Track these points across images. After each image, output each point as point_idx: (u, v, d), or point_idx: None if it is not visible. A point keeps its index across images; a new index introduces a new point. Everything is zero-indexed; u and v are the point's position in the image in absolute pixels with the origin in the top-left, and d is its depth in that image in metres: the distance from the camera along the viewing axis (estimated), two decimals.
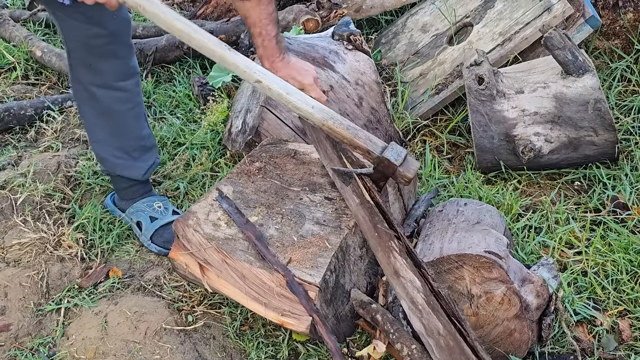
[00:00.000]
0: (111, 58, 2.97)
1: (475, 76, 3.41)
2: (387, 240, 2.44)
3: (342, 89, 3.46)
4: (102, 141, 3.18)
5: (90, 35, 2.88)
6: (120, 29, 2.97)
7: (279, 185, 2.80)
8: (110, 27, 2.90)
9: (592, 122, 3.32)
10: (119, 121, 3.12)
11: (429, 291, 2.34)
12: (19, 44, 4.71)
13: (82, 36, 2.89)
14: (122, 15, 2.95)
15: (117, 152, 3.18)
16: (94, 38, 2.88)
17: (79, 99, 3.13)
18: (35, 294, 2.97)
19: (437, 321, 2.30)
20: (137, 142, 3.20)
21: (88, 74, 3.00)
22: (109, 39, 2.92)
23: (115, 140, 3.16)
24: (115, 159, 3.20)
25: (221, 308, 2.87)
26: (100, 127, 3.15)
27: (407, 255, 2.40)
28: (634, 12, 3.97)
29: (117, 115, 3.10)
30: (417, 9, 4.48)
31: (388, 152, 2.54)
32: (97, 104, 3.07)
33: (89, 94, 3.05)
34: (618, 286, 2.86)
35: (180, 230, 2.66)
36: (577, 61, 3.32)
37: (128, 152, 3.19)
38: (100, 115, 3.10)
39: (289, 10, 4.41)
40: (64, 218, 3.32)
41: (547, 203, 3.28)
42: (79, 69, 3.02)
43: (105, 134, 3.15)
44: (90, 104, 3.08)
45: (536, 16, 3.77)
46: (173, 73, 4.49)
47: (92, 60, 2.96)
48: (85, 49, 2.93)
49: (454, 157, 3.76)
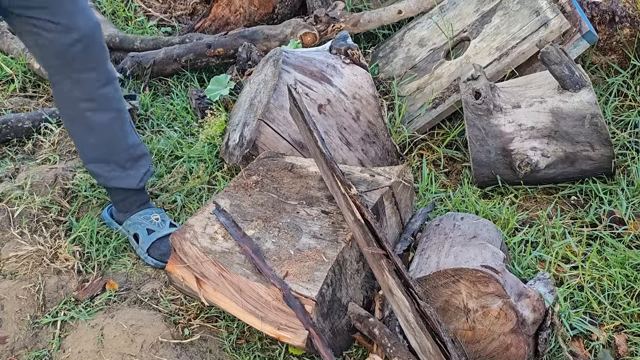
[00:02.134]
0: (90, 64, 2.97)
1: (472, 90, 3.42)
2: (379, 258, 2.43)
3: (340, 102, 3.47)
4: (94, 159, 3.19)
5: (68, 44, 2.88)
6: (94, 33, 2.95)
7: (275, 198, 2.81)
8: (84, 31, 2.89)
9: (589, 137, 3.33)
10: (107, 135, 3.12)
11: (415, 311, 2.33)
12: (17, 56, 4.71)
13: (59, 46, 2.89)
14: (94, 19, 2.95)
15: (108, 166, 3.19)
16: (72, 46, 2.89)
17: (67, 119, 3.14)
18: (32, 306, 2.96)
19: (426, 340, 2.30)
20: (126, 152, 3.19)
21: (72, 88, 3.00)
22: (85, 44, 2.90)
23: (105, 154, 3.16)
24: (108, 172, 3.20)
25: (218, 321, 2.86)
26: (91, 146, 3.15)
27: (395, 274, 2.39)
28: (630, 27, 3.98)
29: (104, 128, 3.10)
30: (415, 24, 4.49)
31: None
32: (84, 120, 3.07)
33: (75, 111, 3.06)
34: (614, 301, 2.87)
35: (177, 244, 2.66)
36: (573, 76, 3.33)
37: (119, 164, 3.19)
38: (89, 132, 3.10)
39: (286, 24, 4.42)
40: (60, 231, 3.32)
41: (544, 217, 3.28)
42: (62, 86, 3.02)
43: (95, 149, 3.16)
44: (78, 121, 3.09)
45: (533, 31, 3.78)
46: (171, 86, 4.50)
47: (72, 72, 2.96)
48: (66, 62, 2.93)
49: (451, 171, 3.76)
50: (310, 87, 3.39)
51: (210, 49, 4.40)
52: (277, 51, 3.63)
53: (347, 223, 2.56)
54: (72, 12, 2.84)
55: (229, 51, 4.39)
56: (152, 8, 5.39)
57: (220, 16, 4.93)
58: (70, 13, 2.84)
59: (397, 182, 2.86)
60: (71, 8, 2.84)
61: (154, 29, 5.15)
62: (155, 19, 5.28)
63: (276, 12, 4.82)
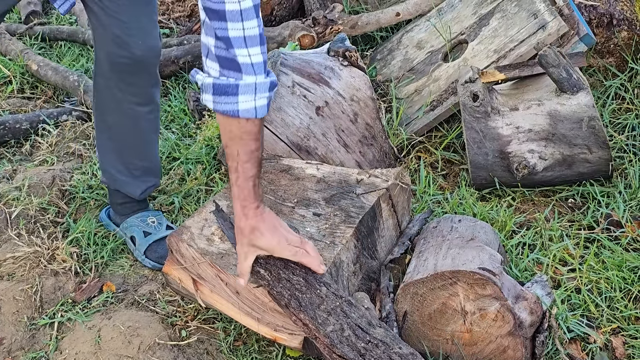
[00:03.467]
0: (130, 81, 2.96)
1: (469, 93, 3.42)
2: None
3: (338, 105, 3.47)
4: (107, 153, 3.18)
5: (114, 55, 2.87)
6: (147, 57, 2.93)
7: (272, 200, 2.80)
8: (136, 53, 2.88)
9: (586, 140, 3.33)
10: (127, 140, 3.12)
11: None
12: (15, 57, 4.72)
13: (106, 52, 2.89)
14: (151, 43, 2.93)
15: (120, 167, 3.18)
16: (117, 58, 2.88)
17: (95, 105, 3.15)
18: (29, 307, 2.96)
19: None
20: (141, 162, 3.19)
21: (107, 86, 3.00)
22: (131, 64, 2.90)
23: (120, 155, 3.16)
24: (117, 173, 3.19)
25: (215, 323, 2.86)
26: (108, 139, 3.15)
27: None
28: (628, 30, 3.98)
29: (126, 135, 3.10)
30: (412, 26, 4.49)
31: None
32: (109, 116, 3.08)
33: (104, 104, 3.06)
34: (612, 304, 2.87)
35: (174, 245, 2.66)
36: (571, 79, 3.34)
37: (130, 170, 3.19)
38: (110, 128, 3.11)
39: (284, 26, 4.42)
40: (58, 232, 3.32)
41: (541, 220, 3.28)
42: (100, 78, 3.02)
43: (111, 147, 3.15)
44: (104, 113, 3.10)
45: (531, 34, 3.78)
46: (169, 88, 4.50)
47: (112, 75, 2.95)
48: (108, 64, 2.93)
49: (449, 173, 3.76)
50: (308, 89, 3.39)
51: None
52: (275, 53, 3.63)
53: None
54: (130, 28, 2.83)
55: None
56: None
57: None
58: (128, 29, 2.83)
59: (395, 184, 2.86)
60: (133, 24, 2.84)
61: None
62: None
63: (274, 14, 4.82)
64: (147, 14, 2.90)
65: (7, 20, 5.56)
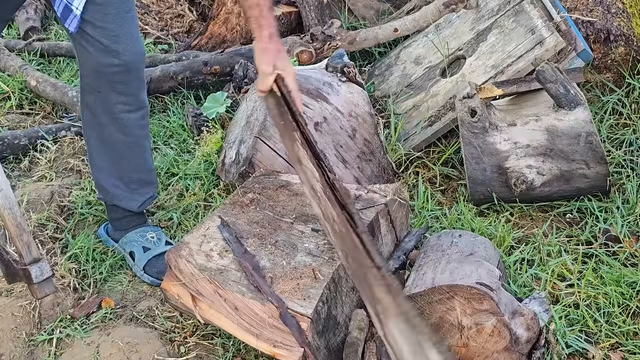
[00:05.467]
0: (120, 89, 2.98)
1: (467, 108, 3.43)
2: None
3: (336, 120, 3.48)
4: (102, 168, 3.19)
5: (103, 64, 2.90)
6: (134, 62, 2.97)
7: (271, 216, 2.81)
8: (125, 59, 2.91)
9: (584, 155, 3.34)
10: (121, 151, 3.13)
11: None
12: (14, 73, 4.73)
13: (94, 64, 2.91)
14: (137, 48, 2.97)
15: (115, 182, 3.19)
16: (106, 67, 2.90)
17: (85, 122, 3.15)
18: (27, 324, 2.96)
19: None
20: (137, 174, 3.20)
21: (96, 100, 3.01)
22: (121, 70, 2.93)
23: (114, 169, 3.17)
24: (113, 188, 3.20)
25: (213, 339, 2.86)
26: (102, 154, 3.16)
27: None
28: (625, 46, 4.00)
29: (119, 145, 3.11)
30: (410, 42, 4.51)
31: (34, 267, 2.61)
32: (101, 130, 3.08)
33: (96, 119, 3.06)
34: (610, 319, 2.87)
35: (173, 261, 2.66)
36: (569, 94, 3.35)
37: (126, 183, 3.19)
38: (103, 142, 3.11)
39: (283, 41, 4.43)
40: (57, 248, 3.31)
41: (540, 235, 3.29)
42: (88, 95, 3.03)
43: (105, 161, 3.16)
44: (95, 129, 3.10)
45: (528, 49, 3.80)
46: (167, 103, 4.51)
47: (101, 87, 2.97)
48: (96, 76, 2.95)
49: (447, 189, 3.77)
50: (306, 105, 3.40)
51: (207, 66, 4.42)
52: None
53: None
54: (116, 34, 2.87)
55: (226, 69, 4.41)
56: (148, 26, 5.41)
57: (216, 34, 4.95)
58: (113, 35, 2.86)
59: (393, 200, 2.87)
60: (116, 30, 2.86)
61: (151, 47, 5.17)
62: (152, 37, 5.30)
63: None
64: (130, 21, 2.95)
65: (6, 36, 5.57)
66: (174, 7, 5.62)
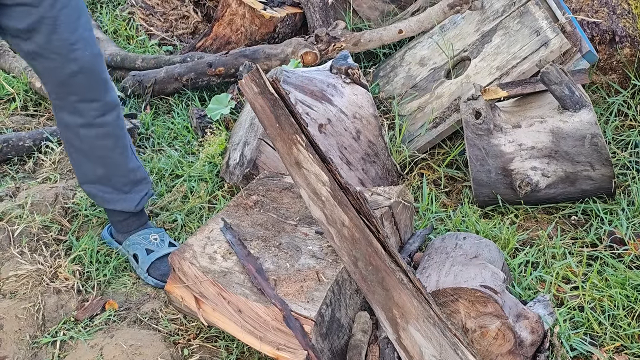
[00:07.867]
0: (90, 95, 2.98)
1: (472, 110, 3.42)
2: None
3: (340, 122, 3.47)
4: (91, 181, 3.19)
5: (67, 74, 2.90)
6: (96, 64, 2.97)
7: (275, 218, 2.80)
8: (85, 65, 2.91)
9: (589, 157, 3.33)
10: (106, 159, 3.13)
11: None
12: (19, 75, 4.73)
13: (60, 75, 2.91)
14: (95, 51, 2.97)
15: (107, 189, 3.19)
16: (69, 77, 2.90)
17: (65, 140, 3.16)
18: (31, 326, 2.96)
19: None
20: (125, 177, 3.20)
21: (71, 116, 3.02)
22: (85, 75, 2.92)
23: (103, 179, 3.17)
24: (106, 195, 3.20)
25: (217, 341, 2.86)
26: (88, 168, 3.16)
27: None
28: (630, 47, 3.99)
29: (102, 153, 3.11)
30: (415, 43, 4.50)
31: None
32: (82, 145, 3.08)
33: (74, 135, 3.07)
34: (615, 322, 2.86)
35: (177, 263, 2.66)
36: (573, 96, 3.34)
37: (118, 188, 3.19)
38: (86, 155, 3.12)
39: (287, 43, 4.43)
40: (60, 250, 3.32)
41: (544, 237, 3.28)
42: (62, 111, 3.04)
43: (93, 174, 3.17)
44: (76, 145, 3.10)
45: (533, 51, 3.79)
46: (172, 105, 4.51)
47: (72, 99, 2.97)
48: (63, 89, 2.95)
49: (451, 190, 3.76)
50: (310, 107, 3.40)
51: (212, 68, 4.41)
52: (277, 70, 3.64)
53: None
54: (71, 42, 2.86)
55: (230, 70, 4.41)
56: (153, 27, 5.40)
57: (221, 35, 4.94)
58: (69, 44, 2.86)
59: (397, 202, 2.86)
60: (71, 38, 2.86)
61: (156, 48, 5.17)
62: (157, 38, 5.29)
63: (277, 31, 4.83)
64: (84, 25, 2.94)
65: None
66: (178, 9, 5.62)
